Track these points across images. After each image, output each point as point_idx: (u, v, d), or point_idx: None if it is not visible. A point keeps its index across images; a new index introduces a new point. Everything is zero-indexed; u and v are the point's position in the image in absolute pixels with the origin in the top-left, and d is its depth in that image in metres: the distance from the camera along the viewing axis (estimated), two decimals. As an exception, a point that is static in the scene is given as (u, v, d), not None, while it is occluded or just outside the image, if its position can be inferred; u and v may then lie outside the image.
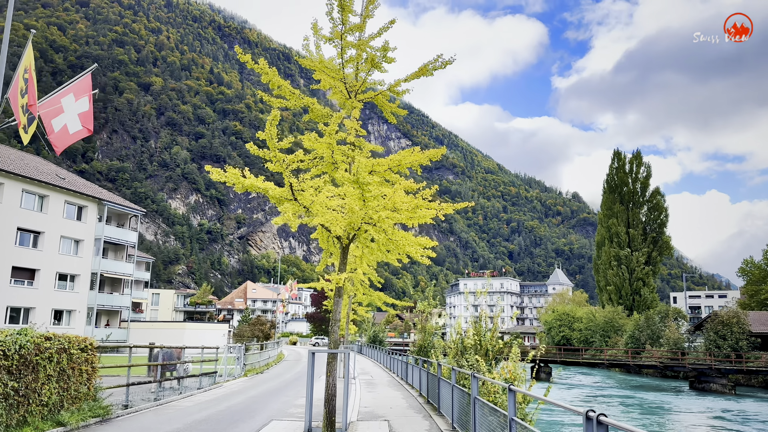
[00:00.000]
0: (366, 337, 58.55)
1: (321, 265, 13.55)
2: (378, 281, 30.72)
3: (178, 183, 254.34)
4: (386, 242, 11.22)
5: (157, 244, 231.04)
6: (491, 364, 12.99)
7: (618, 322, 73.20)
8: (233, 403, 16.50)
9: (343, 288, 11.57)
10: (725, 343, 48.09)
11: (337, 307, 11.46)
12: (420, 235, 11.86)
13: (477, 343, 12.45)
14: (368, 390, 21.32)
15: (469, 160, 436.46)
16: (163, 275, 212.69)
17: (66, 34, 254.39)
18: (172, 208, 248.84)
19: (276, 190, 10.85)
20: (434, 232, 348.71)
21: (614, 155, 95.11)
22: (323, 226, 11.34)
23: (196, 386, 22.38)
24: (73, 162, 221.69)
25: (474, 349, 11.99)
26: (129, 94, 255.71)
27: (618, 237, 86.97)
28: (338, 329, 11.50)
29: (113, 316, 49.17)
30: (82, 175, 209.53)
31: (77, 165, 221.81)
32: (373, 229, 10.81)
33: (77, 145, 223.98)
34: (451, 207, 11.53)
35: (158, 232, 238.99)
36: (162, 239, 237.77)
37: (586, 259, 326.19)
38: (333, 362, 11.34)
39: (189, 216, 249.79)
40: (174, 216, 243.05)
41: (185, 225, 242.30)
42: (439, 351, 16.57)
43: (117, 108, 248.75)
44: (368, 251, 12.66)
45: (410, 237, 11.65)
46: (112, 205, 46.90)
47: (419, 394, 18.78)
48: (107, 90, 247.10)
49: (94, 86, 12.09)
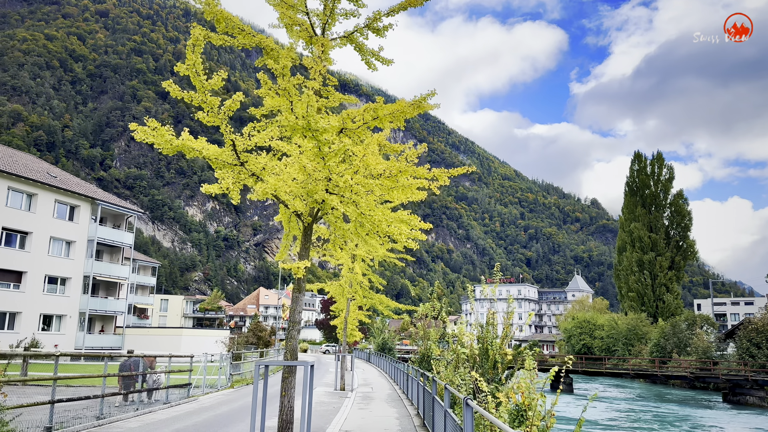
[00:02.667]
0: (375, 344, 55.76)
1: (281, 254, 10.92)
2: (379, 282, 28.12)
3: (195, 190, 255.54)
4: (359, 218, 8.54)
5: (173, 250, 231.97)
6: (500, 380, 10.21)
7: (642, 329, 69.82)
8: (188, 424, 13.84)
9: (302, 280, 8.88)
10: (760, 353, 44.48)
11: (296, 305, 8.79)
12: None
13: (481, 353, 9.68)
14: (361, 406, 18.55)
15: (486, 167, 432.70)
16: (180, 282, 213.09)
17: (85, 44, 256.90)
18: (189, 215, 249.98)
19: (211, 150, 8.25)
20: (450, 239, 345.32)
21: (635, 157, 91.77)
22: (277, 198, 8.68)
23: (174, 399, 19.82)
24: (91, 170, 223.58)
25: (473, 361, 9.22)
26: (147, 102, 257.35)
27: (640, 241, 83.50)
28: (297, 333, 8.80)
29: (108, 321, 46.96)
30: (100, 182, 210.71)
31: (95, 173, 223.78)
32: (339, 200, 8.13)
33: (95, 153, 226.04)
34: (445, 174, 8.84)
35: (175, 239, 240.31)
36: (179, 246, 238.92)
37: (606, 266, 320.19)
38: (290, 378, 8.66)
39: (206, 223, 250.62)
40: (191, 223, 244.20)
41: (202, 232, 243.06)
42: (442, 363, 13.77)
43: (135, 116, 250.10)
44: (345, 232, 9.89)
45: (390, 213, 8.96)
46: (106, 205, 44.77)
47: (417, 414, 16.00)
48: (125, 99, 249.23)
49: (113, 95, 9.54)
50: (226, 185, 8.08)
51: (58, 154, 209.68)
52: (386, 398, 21.51)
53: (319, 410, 17.19)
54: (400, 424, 14.02)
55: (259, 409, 8.11)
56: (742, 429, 30.62)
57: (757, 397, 39.51)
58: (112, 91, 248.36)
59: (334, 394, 22.73)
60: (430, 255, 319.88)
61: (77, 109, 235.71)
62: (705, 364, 48.95)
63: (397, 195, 8.99)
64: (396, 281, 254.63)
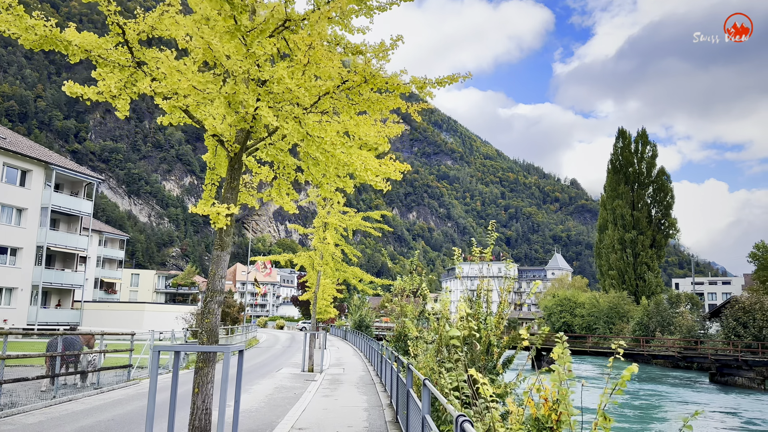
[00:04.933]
0: (352, 322, 53.64)
1: (203, 201, 8.30)
2: (354, 254, 25.68)
3: (173, 164, 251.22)
4: (306, 144, 6.03)
5: (150, 225, 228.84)
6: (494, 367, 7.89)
7: (623, 307, 68.91)
8: (101, 419, 11.26)
9: (228, 234, 6.36)
10: (747, 332, 43.24)
11: (217, 268, 6.29)
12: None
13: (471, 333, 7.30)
14: (327, 392, 16.17)
15: (468, 146, 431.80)
16: (157, 257, 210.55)
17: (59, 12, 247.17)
18: (166, 189, 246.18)
19: (88, 40, 5.62)
20: (431, 217, 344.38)
21: (619, 134, 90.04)
22: (191, 118, 6.08)
23: (110, 382, 17.30)
24: (65, 142, 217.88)
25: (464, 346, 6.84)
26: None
27: (623, 219, 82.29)
28: (218, 307, 6.30)
29: (65, 295, 43.87)
30: (75, 155, 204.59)
31: (69, 145, 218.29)
32: (275, 113, 5.59)
33: (70, 125, 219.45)
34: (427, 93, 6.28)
35: (152, 214, 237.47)
36: (156, 221, 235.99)
37: (584, 246, 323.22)
38: (205, 369, 6.17)
39: (183, 198, 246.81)
40: (168, 198, 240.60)
41: (179, 207, 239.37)
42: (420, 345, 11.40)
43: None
44: (289, 168, 7.26)
45: (354, 149, 6.44)
46: (62, 170, 41.41)
47: (390, 404, 13.76)
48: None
49: (88, 66, 6.81)
50: (107, 88, 5.52)
51: (30, 126, 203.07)
52: (357, 382, 19.20)
53: (275, 398, 14.79)
54: (368, 418, 11.64)
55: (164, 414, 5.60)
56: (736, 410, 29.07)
57: (747, 377, 38.15)
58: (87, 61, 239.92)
59: (300, 377, 20.37)
60: (411, 233, 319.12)
61: (50, 79, 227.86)
62: (689, 343, 47.72)
63: (363, 128, 6.45)
64: (376, 259, 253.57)
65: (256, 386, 17.36)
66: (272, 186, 7.41)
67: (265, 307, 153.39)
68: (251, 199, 7.42)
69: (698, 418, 18.64)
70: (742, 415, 27.93)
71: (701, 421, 26.01)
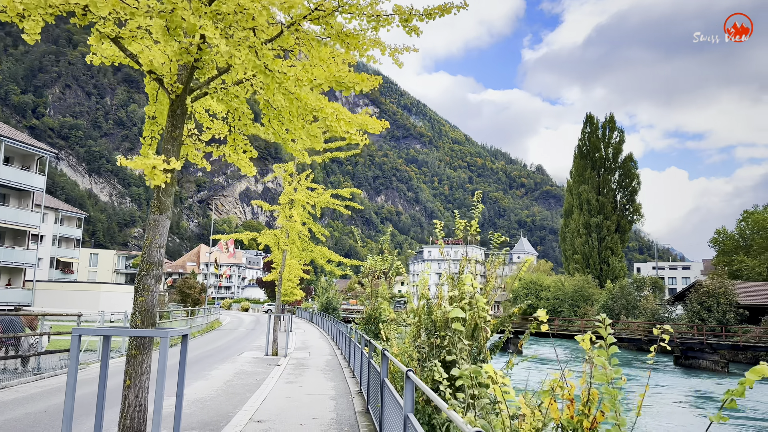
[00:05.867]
0: (319, 304, 52.58)
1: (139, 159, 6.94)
2: (321, 233, 24.59)
3: (135, 142, 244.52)
4: (267, 88, 4.92)
5: (111, 205, 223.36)
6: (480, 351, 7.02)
7: (588, 291, 69.68)
8: (21, 414, 9.98)
9: (168, 194, 5.23)
10: (711, 316, 43.83)
11: (154, 234, 5.15)
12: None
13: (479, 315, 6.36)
14: (290, 378, 15.10)
15: (437, 130, 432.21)
16: (118, 237, 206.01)
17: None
18: (128, 168, 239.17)
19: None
20: (400, 201, 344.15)
21: (587, 119, 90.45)
22: (118, 45, 4.89)
23: (53, 367, 15.94)
24: (22, 117, 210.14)
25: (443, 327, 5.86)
26: (84, 48, 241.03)
27: (588, 204, 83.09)
28: (156, 283, 5.19)
29: (15, 274, 41.56)
30: (32, 131, 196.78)
31: (27, 120, 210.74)
32: (224, 36, 4.46)
33: (27, 100, 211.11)
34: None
35: (113, 193, 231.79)
36: (117, 200, 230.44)
37: (548, 231, 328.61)
38: (139, 357, 5.07)
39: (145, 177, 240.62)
40: (130, 177, 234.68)
41: (142, 186, 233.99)
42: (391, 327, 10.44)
43: (71, 62, 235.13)
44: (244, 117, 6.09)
45: (323, 99, 5.34)
46: (11, 143, 38.94)
47: (359, 391, 12.79)
48: (60, 42, 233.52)
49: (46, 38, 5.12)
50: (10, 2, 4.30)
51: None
52: (324, 367, 18.20)
53: (234, 385, 13.68)
54: (336, 408, 10.62)
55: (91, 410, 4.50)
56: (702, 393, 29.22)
57: (711, 360, 38.61)
58: (46, 34, 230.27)
59: (262, 361, 19.26)
60: (379, 216, 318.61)
61: (7, 51, 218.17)
62: (653, 326, 48.25)
63: (333, 68, 5.34)
64: (344, 242, 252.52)
65: (214, 371, 16.20)
66: (226, 143, 6.26)
67: (230, 289, 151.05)
68: (198, 155, 6.25)
69: (664, 403, 18.07)
70: (707, 398, 28.05)
71: (667, 408, 25.96)
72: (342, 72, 4.81)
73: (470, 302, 6.43)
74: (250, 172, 6.43)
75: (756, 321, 43.84)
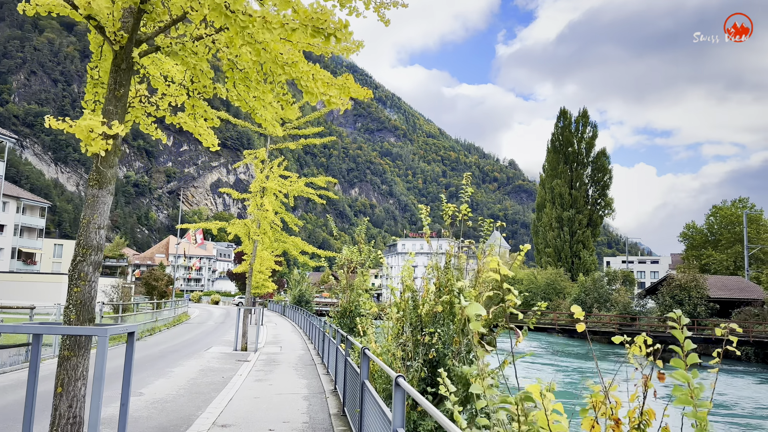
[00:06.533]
0: (291, 297, 51.59)
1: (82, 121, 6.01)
2: (294, 223, 23.73)
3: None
4: (230, 38, 4.12)
5: (78, 195, 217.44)
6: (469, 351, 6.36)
7: (560, 284, 70.11)
8: None
9: (110, 164, 4.39)
10: (682, 309, 44.24)
11: (93, 213, 4.31)
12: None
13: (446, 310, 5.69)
14: (260, 376, 14.23)
15: (411, 124, 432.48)
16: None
17: None
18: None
19: None
20: (373, 194, 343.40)
21: (560, 114, 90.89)
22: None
23: (3, 363, 14.82)
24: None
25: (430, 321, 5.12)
26: (50, 33, 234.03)
27: (561, 198, 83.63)
28: (95, 271, 4.36)
29: (-29, 266, 39.68)
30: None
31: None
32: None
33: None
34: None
35: (80, 183, 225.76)
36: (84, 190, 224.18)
37: (519, 224, 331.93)
38: (73, 359, 4.23)
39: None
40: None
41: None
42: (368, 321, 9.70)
43: (36, 48, 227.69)
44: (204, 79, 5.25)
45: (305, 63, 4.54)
46: (-34, 128, 36.95)
47: (333, 390, 11.96)
48: (25, 27, 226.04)
49: (11, 23, 3.96)
50: None
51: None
52: (296, 363, 17.38)
53: (199, 383, 12.77)
54: (308, 410, 9.79)
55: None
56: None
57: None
58: (11, 18, 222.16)
59: (231, 357, 18.34)
60: (353, 209, 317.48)
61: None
62: (626, 319, 48.58)
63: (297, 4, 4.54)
64: (317, 234, 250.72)
65: (178, 368, 15.23)
66: (184, 110, 5.40)
67: (200, 281, 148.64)
68: (147, 121, 5.37)
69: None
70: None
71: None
72: (321, 14, 3.99)
73: (455, 296, 5.74)
74: (212, 145, 5.60)
75: (726, 315, 44.41)
